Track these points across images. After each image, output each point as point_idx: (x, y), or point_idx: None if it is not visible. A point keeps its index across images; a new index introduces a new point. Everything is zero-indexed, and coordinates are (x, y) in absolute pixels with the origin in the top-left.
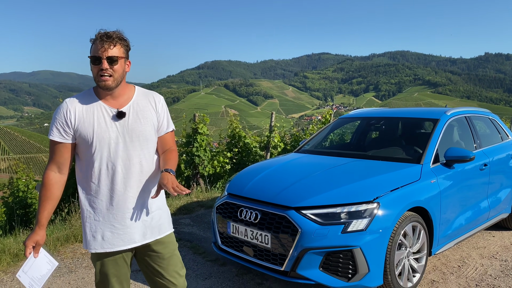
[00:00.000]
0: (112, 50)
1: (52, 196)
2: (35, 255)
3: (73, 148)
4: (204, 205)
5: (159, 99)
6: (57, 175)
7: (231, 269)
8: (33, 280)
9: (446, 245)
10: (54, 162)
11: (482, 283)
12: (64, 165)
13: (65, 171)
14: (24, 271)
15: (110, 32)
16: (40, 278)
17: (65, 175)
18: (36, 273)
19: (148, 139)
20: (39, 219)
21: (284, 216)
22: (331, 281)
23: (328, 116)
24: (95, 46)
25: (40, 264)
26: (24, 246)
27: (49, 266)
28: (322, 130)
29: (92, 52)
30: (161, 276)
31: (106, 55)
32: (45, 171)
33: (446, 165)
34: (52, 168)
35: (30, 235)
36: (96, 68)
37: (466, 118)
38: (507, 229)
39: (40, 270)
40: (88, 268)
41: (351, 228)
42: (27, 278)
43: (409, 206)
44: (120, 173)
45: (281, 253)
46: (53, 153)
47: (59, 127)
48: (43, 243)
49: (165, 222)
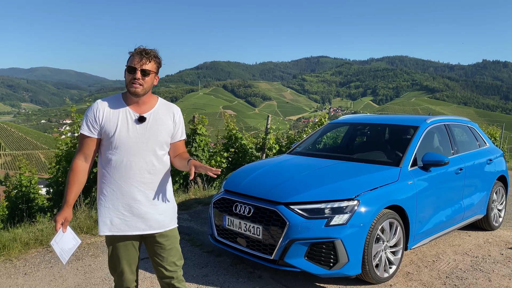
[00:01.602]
0: (147, 65)
1: (78, 181)
2: (64, 230)
3: (98, 142)
4: (202, 202)
5: (177, 111)
6: (83, 163)
7: (226, 259)
8: (62, 251)
9: (422, 241)
10: (82, 152)
11: (452, 275)
12: (90, 156)
13: (90, 161)
14: (56, 241)
15: (148, 49)
16: (67, 251)
17: (90, 164)
18: (65, 245)
19: (162, 143)
20: (67, 199)
21: (274, 211)
22: (314, 269)
23: (324, 119)
24: (133, 58)
25: (67, 239)
26: (54, 221)
27: (74, 242)
28: (313, 133)
29: (129, 62)
30: (161, 264)
31: (141, 67)
32: (74, 159)
33: (424, 168)
34: (80, 158)
35: (60, 212)
36: (130, 76)
37: (445, 125)
38: (483, 229)
39: (68, 244)
40: (94, 257)
41: (333, 222)
42: (58, 247)
43: (387, 204)
44: (133, 169)
45: (271, 244)
46: (82, 145)
47: (89, 124)
48: (70, 219)
49: (170, 217)
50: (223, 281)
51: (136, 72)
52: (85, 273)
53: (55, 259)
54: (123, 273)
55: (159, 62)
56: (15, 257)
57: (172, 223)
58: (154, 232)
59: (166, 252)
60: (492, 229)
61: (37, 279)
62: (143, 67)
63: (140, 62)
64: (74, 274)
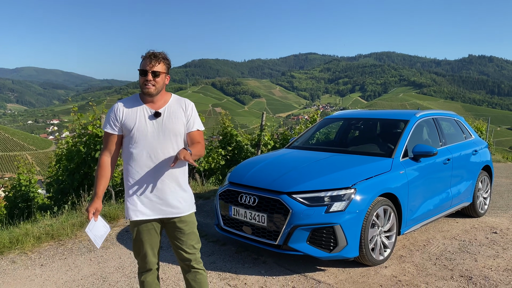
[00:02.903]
0: (157, 67)
1: (106, 175)
2: (95, 218)
3: (120, 139)
4: (202, 197)
5: (189, 103)
6: (108, 159)
7: (231, 248)
8: (96, 237)
9: (413, 226)
10: (107, 149)
11: (442, 257)
12: (114, 151)
13: (114, 156)
14: (90, 229)
15: (157, 52)
16: (100, 237)
17: (115, 159)
18: (97, 232)
19: (177, 134)
20: (97, 192)
21: (278, 200)
22: (316, 252)
23: (316, 116)
24: (144, 62)
25: (99, 226)
26: (86, 212)
27: (105, 229)
28: (310, 128)
29: (141, 66)
30: (180, 247)
31: (151, 70)
32: (100, 156)
33: (414, 159)
34: (105, 154)
35: (91, 203)
36: (142, 79)
37: (433, 119)
38: (469, 216)
39: (100, 231)
40: (105, 248)
41: (332, 209)
42: (92, 234)
43: (381, 192)
44: (153, 160)
45: (275, 230)
46: (106, 142)
47: (111, 122)
48: (100, 209)
49: (188, 203)
50: (230, 267)
51: (147, 75)
52: (99, 263)
53: (69, 251)
54: (146, 255)
55: (168, 63)
56: (29, 250)
57: (191, 209)
58: (175, 217)
59: (186, 236)
60: (478, 216)
61: (54, 269)
62: (153, 69)
63: (150, 65)
64: (88, 265)
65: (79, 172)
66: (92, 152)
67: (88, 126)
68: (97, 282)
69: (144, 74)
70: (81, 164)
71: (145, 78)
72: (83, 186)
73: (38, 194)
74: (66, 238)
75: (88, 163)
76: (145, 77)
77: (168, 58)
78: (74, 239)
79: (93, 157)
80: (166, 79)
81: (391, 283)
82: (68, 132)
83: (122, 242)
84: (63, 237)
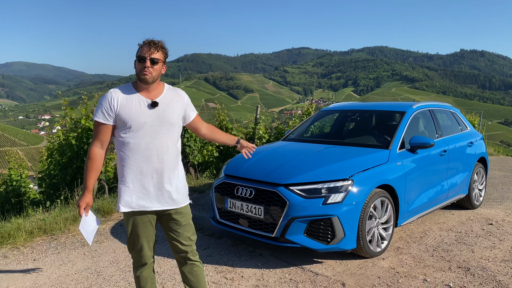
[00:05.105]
0: (155, 54)
1: (96, 167)
2: (86, 214)
3: (112, 129)
4: (197, 190)
5: (183, 94)
6: (100, 150)
7: (227, 241)
8: (87, 233)
9: (410, 218)
10: (97, 140)
11: (439, 248)
12: (105, 142)
13: (105, 147)
14: (82, 226)
15: (155, 40)
16: (91, 232)
17: (105, 151)
18: (88, 228)
19: (174, 124)
20: (87, 185)
21: (275, 192)
22: (313, 244)
23: (311, 109)
24: (142, 48)
25: (90, 221)
26: (77, 206)
27: (95, 223)
28: (305, 121)
29: (138, 52)
30: (176, 239)
31: (150, 57)
32: (90, 147)
33: (411, 150)
34: (96, 145)
35: (81, 198)
36: (140, 65)
37: (429, 111)
38: (465, 208)
39: (90, 226)
40: (99, 243)
41: (330, 201)
42: (84, 231)
43: (378, 183)
44: (150, 150)
45: (272, 223)
46: (97, 133)
47: (103, 111)
48: (91, 203)
49: (183, 195)
50: (226, 260)
51: (145, 61)
52: (93, 258)
53: (62, 246)
54: (141, 249)
55: (166, 52)
56: (21, 245)
57: (186, 200)
58: (171, 208)
59: (182, 228)
60: (474, 207)
61: (47, 264)
62: (152, 56)
63: (148, 52)
64: (82, 259)
65: (72, 167)
66: (84, 146)
67: (81, 120)
68: (91, 276)
69: (142, 61)
70: (73, 158)
71: (144, 65)
72: (76, 180)
73: (29, 189)
74: (59, 233)
75: (81, 157)
76: (143, 63)
77: (166, 47)
78: (67, 234)
79: (85, 151)
80: (163, 68)
81: (389, 274)
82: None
83: (116, 236)
84: (56, 231)
